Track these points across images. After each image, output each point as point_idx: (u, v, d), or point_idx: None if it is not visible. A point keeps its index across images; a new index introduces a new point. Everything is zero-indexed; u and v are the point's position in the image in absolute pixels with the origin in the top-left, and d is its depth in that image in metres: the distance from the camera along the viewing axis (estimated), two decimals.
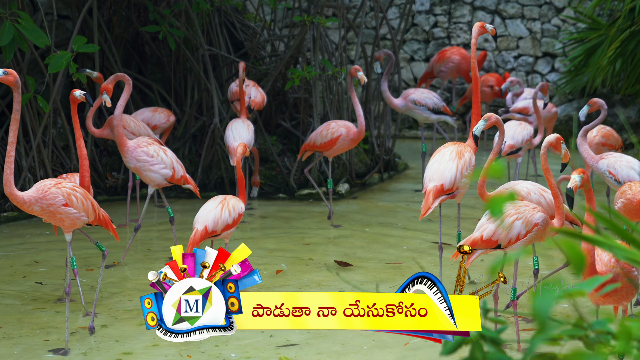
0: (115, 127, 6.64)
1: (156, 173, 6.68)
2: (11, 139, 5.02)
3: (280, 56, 9.76)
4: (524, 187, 5.49)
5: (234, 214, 6.01)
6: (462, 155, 5.99)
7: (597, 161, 6.37)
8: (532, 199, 5.43)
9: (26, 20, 7.03)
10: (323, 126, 8.14)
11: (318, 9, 9.30)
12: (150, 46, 9.83)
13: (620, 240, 2.88)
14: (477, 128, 5.36)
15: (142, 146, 6.69)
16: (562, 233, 2.08)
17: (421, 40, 13.08)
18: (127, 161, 6.72)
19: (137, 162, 6.66)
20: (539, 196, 5.43)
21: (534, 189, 5.48)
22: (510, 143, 7.99)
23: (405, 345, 5.15)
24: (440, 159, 6.00)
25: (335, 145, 7.99)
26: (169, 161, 6.73)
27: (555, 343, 1.97)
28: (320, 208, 8.75)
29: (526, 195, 5.44)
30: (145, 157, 6.66)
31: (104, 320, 5.55)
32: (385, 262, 6.87)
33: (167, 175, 6.73)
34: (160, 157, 6.70)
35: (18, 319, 5.63)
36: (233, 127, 8.15)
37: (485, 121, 5.34)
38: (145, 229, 7.97)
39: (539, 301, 1.84)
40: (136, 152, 6.65)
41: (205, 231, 5.87)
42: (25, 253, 7.10)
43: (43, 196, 5.08)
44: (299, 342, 5.19)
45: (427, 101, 9.31)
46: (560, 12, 12.75)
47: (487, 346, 1.95)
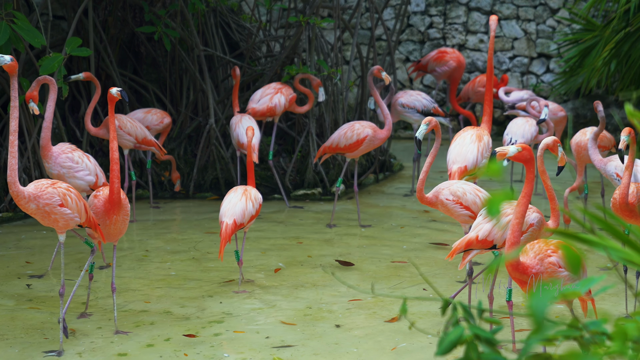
0: (42, 130, 6.32)
1: (81, 180, 6.48)
2: (13, 127, 5.00)
3: (276, 57, 9.76)
4: (459, 188, 5.70)
5: (257, 205, 6.17)
6: (482, 138, 6.51)
7: (605, 164, 6.40)
8: (468, 199, 5.65)
9: (22, 20, 7.02)
10: (346, 127, 7.89)
11: (313, 9, 9.30)
12: (146, 47, 9.82)
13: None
14: (420, 132, 5.56)
15: (67, 152, 6.46)
16: (557, 234, 2.08)
17: (416, 41, 13.09)
18: (50, 167, 6.43)
19: (62, 169, 6.43)
20: (474, 196, 5.66)
21: (469, 189, 5.70)
22: (521, 141, 7.98)
23: (403, 345, 5.15)
24: (461, 142, 6.49)
25: (361, 146, 7.86)
26: (92, 168, 6.58)
27: (550, 343, 1.98)
28: (316, 208, 8.75)
29: (462, 195, 5.66)
30: (69, 164, 6.45)
31: (99, 322, 5.54)
32: (380, 262, 6.87)
33: (91, 182, 6.55)
34: (84, 164, 6.52)
35: (13, 319, 5.61)
36: (242, 124, 8.19)
37: (426, 125, 5.58)
38: (141, 230, 7.96)
39: (535, 301, 1.84)
40: (60, 158, 6.42)
41: (234, 224, 5.97)
42: (20, 253, 7.08)
43: (40, 194, 5.06)
44: (295, 344, 5.19)
45: (416, 104, 9.31)
46: (555, 13, 12.77)
47: (482, 346, 1.95)
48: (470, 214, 5.70)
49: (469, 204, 5.67)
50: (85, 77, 7.61)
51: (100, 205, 5.33)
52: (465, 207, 5.68)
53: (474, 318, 1.97)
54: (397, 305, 5.78)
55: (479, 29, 12.98)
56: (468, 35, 13.00)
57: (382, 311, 5.73)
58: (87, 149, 9.00)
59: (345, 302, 5.91)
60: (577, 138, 7.27)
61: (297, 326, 5.47)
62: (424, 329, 5.39)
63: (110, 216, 5.30)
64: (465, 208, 5.68)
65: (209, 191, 9.31)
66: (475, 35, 12.99)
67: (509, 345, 5.00)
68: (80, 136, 9.27)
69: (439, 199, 5.70)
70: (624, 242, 2.01)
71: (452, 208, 5.69)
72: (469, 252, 5.18)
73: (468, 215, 5.70)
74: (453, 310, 1.97)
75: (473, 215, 5.71)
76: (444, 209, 5.73)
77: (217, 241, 7.32)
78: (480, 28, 12.97)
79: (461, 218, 5.72)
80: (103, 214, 5.31)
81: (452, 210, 5.70)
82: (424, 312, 5.69)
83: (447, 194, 5.70)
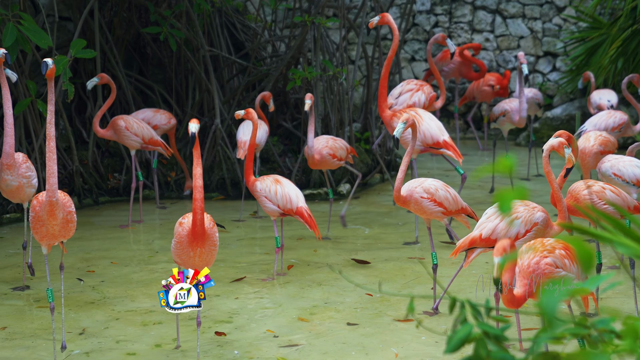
0: (6, 137, 5.89)
1: (33, 188, 6.13)
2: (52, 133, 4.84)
3: (281, 57, 9.76)
4: (431, 185, 5.83)
5: None
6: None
7: (601, 164, 6.43)
8: (440, 195, 5.79)
9: (29, 21, 7.03)
10: None
11: (319, 9, 9.30)
12: (152, 47, 9.83)
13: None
14: (397, 131, 5.66)
15: (25, 161, 6.06)
16: (565, 227, 2.07)
17: (422, 40, 13.08)
18: (12, 180, 6.00)
19: (22, 179, 6.03)
20: (445, 192, 5.83)
21: (440, 185, 5.85)
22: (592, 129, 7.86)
23: (411, 344, 5.15)
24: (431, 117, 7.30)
25: None
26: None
27: (558, 342, 1.97)
28: (322, 208, 8.75)
29: (435, 191, 5.80)
30: (29, 173, 6.09)
31: (106, 321, 5.55)
32: (387, 261, 6.86)
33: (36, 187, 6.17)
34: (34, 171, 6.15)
35: (21, 319, 5.63)
36: (245, 123, 8.19)
37: (404, 124, 5.65)
38: (148, 231, 7.98)
39: (545, 299, 1.83)
40: (22, 168, 6.02)
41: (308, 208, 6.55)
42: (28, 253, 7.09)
43: (63, 203, 4.95)
44: (302, 343, 5.19)
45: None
46: (562, 11, 12.75)
47: (490, 344, 1.94)
48: (443, 210, 5.82)
49: (442, 200, 5.81)
50: (102, 80, 7.64)
51: (184, 235, 4.94)
52: (439, 203, 5.80)
53: (482, 315, 1.96)
54: (405, 304, 5.78)
55: (485, 27, 12.96)
56: (474, 34, 12.98)
57: (389, 310, 5.73)
58: (93, 150, 9.02)
59: (352, 301, 5.91)
60: (581, 144, 6.99)
61: (305, 325, 5.47)
62: (432, 327, 5.38)
63: (194, 248, 4.93)
64: (439, 205, 5.80)
65: (215, 191, 9.31)
66: (481, 34, 12.97)
67: (516, 344, 4.99)
68: (87, 137, 9.29)
69: (413, 197, 5.79)
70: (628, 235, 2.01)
71: (426, 206, 5.80)
72: (473, 250, 5.17)
73: (441, 211, 5.82)
74: (461, 309, 1.97)
75: (445, 212, 5.83)
76: (416, 207, 5.82)
77: (224, 240, 7.34)
78: (486, 27, 12.96)
79: (434, 215, 5.81)
80: (187, 245, 4.93)
81: (426, 208, 5.81)
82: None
83: (421, 192, 5.81)
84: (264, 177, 6.54)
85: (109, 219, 8.38)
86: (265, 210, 6.50)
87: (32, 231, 4.98)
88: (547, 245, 4.46)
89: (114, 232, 7.87)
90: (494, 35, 12.98)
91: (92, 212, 8.68)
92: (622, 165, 6.34)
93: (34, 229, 4.96)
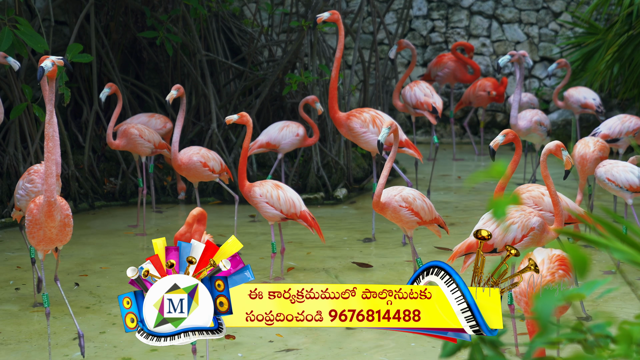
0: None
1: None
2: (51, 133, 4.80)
3: (277, 61, 9.77)
4: (409, 194, 5.92)
5: None
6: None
7: (596, 169, 6.55)
8: (417, 204, 5.89)
9: (25, 25, 7.03)
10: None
11: (315, 14, 9.30)
12: (148, 52, 9.83)
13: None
14: (382, 136, 5.71)
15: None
16: (562, 233, 2.08)
17: (419, 45, 13.10)
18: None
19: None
20: (422, 202, 5.94)
21: (417, 194, 5.96)
22: (605, 132, 7.91)
23: (407, 349, 5.15)
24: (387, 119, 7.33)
25: None
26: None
27: (554, 346, 1.97)
28: (318, 213, 8.74)
29: (413, 201, 5.89)
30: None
31: (102, 326, 5.54)
32: (384, 266, 6.86)
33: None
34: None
35: (17, 324, 5.61)
36: (272, 125, 8.36)
37: (388, 129, 5.71)
38: (144, 235, 7.97)
39: (540, 304, 1.84)
40: None
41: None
42: (24, 258, 7.07)
43: (61, 206, 4.90)
44: (298, 347, 5.19)
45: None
46: (558, 17, 12.78)
47: (486, 349, 1.94)
48: (418, 220, 5.93)
49: (418, 210, 5.91)
50: (112, 90, 7.67)
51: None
52: (415, 213, 5.90)
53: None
54: None
55: (481, 32, 12.98)
56: (470, 39, 13.00)
57: None
58: (89, 154, 9.01)
59: None
60: (580, 150, 6.97)
61: (302, 330, 5.47)
62: None
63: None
64: (415, 214, 5.90)
65: (211, 196, 9.31)
66: (478, 39, 13.00)
67: (512, 349, 4.99)
68: (82, 141, 9.28)
69: (392, 205, 5.84)
70: (625, 241, 2.01)
71: (403, 215, 5.88)
72: (469, 256, 5.17)
73: (416, 221, 5.92)
74: None
75: (420, 221, 5.93)
76: (393, 215, 5.89)
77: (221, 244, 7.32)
78: (482, 32, 12.98)
79: (409, 224, 5.88)
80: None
81: (402, 217, 5.89)
82: None
83: (399, 200, 5.89)
84: (261, 182, 6.50)
85: (105, 224, 8.37)
86: (264, 216, 6.47)
87: (28, 236, 4.94)
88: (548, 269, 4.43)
89: (110, 237, 7.86)
90: (491, 40, 13.00)
91: (88, 216, 8.67)
92: (616, 171, 6.47)
93: (31, 233, 4.91)
